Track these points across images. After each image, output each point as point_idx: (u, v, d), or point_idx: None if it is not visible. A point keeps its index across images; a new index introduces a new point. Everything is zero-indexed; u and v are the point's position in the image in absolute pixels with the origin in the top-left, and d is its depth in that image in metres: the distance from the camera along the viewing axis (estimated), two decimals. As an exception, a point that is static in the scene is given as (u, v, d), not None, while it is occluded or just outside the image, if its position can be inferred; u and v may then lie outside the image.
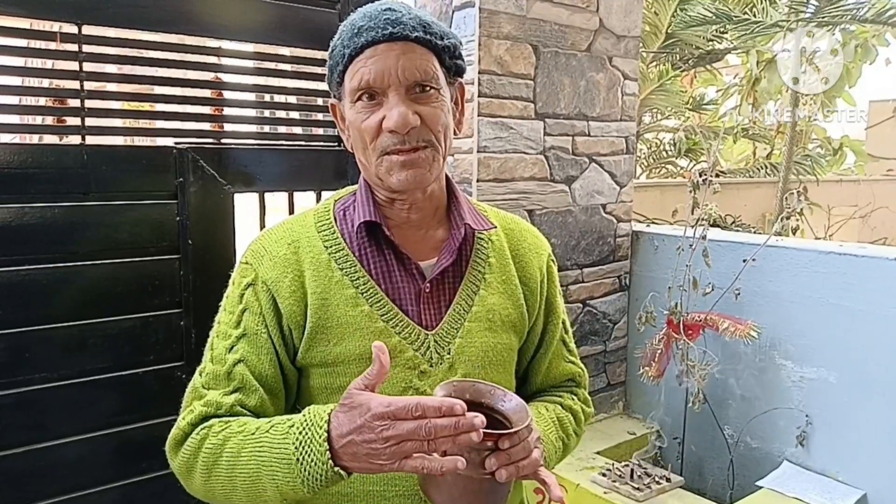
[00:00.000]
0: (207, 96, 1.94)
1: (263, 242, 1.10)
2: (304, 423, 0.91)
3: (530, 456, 0.90)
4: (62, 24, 1.70)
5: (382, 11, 1.00)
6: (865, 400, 2.17)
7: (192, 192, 1.87)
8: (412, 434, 0.82)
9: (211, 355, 1.06)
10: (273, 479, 0.91)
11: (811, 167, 7.15)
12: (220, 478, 0.96)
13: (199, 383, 1.04)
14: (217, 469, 0.96)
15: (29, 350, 1.69)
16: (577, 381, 1.28)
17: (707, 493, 2.48)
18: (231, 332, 1.05)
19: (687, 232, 2.45)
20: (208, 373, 1.04)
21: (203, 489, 1.00)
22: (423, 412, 0.82)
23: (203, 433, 0.99)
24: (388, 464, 0.84)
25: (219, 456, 0.96)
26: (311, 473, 0.88)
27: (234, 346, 1.03)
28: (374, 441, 0.83)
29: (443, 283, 1.09)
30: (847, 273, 2.20)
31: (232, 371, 1.02)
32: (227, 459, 0.95)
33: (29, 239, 1.68)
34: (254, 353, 1.03)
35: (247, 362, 1.02)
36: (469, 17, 2.20)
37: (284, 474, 0.90)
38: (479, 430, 0.81)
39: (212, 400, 1.01)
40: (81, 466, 1.77)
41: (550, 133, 2.44)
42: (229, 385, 1.02)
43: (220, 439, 0.97)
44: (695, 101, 8.11)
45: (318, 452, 0.88)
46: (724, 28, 5.96)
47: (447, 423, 0.81)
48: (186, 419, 1.01)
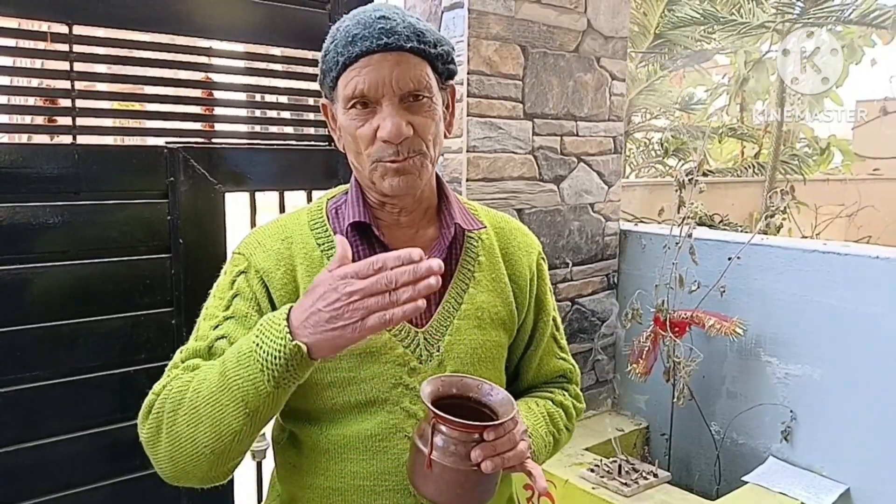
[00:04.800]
0: (198, 96, 1.95)
1: (257, 236, 1.11)
2: (264, 319, 0.92)
3: (516, 448, 0.92)
4: (52, 24, 1.71)
5: (377, 20, 1.00)
6: (849, 396, 2.21)
7: (183, 191, 1.88)
8: (374, 287, 0.83)
9: (195, 336, 1.06)
10: (235, 384, 0.89)
11: (798, 166, 7.22)
12: (185, 413, 0.93)
13: (178, 358, 1.03)
14: (181, 406, 0.94)
15: (20, 348, 1.69)
16: (568, 377, 1.30)
17: (694, 489, 2.51)
18: (218, 314, 1.05)
19: (673, 230, 2.47)
20: (188, 348, 1.03)
21: (168, 446, 0.95)
22: (383, 264, 0.83)
23: (166, 389, 0.97)
24: (351, 325, 0.84)
25: (184, 393, 0.94)
26: (269, 354, 0.87)
27: (219, 325, 1.03)
28: (336, 300, 0.84)
29: None
30: (831, 271, 2.23)
31: (213, 345, 1.02)
32: (193, 390, 0.94)
33: (20, 238, 1.68)
34: (239, 333, 1.01)
35: (230, 339, 1.01)
36: (458, 18, 2.22)
37: (244, 369, 0.89)
38: (439, 273, 0.82)
39: (189, 365, 1.00)
40: (73, 464, 1.78)
41: (539, 133, 2.46)
42: (210, 358, 1.01)
43: (186, 378, 0.96)
44: (684, 100, 8.16)
45: (276, 330, 0.88)
46: (711, 29, 6.00)
47: (406, 269, 0.82)
48: (159, 384, 1.00)
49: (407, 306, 0.83)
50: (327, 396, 1.05)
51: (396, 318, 0.83)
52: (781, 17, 5.68)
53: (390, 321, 0.83)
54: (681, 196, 2.43)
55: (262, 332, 0.90)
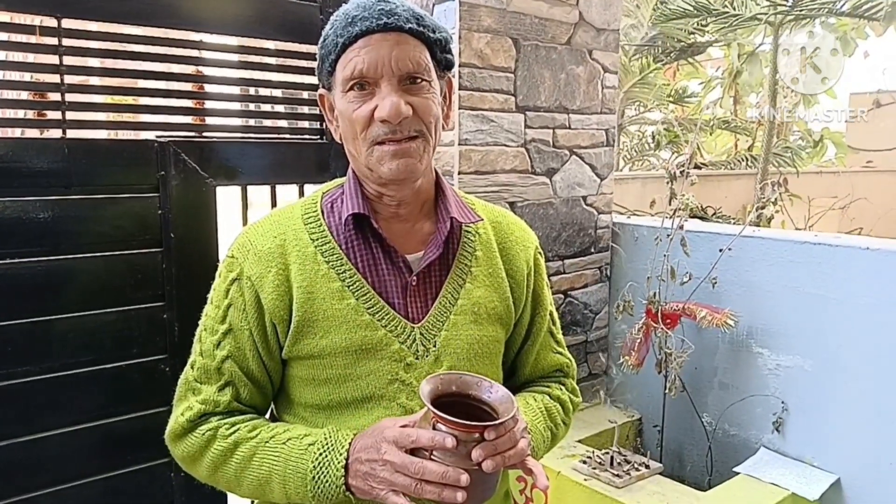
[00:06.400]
0: (189, 90, 1.95)
1: (249, 236, 1.10)
2: (326, 446, 0.99)
3: (517, 446, 0.92)
4: (42, 18, 1.70)
5: (377, 2, 1.01)
6: (839, 387, 2.22)
7: (174, 185, 1.88)
8: (404, 468, 0.89)
9: (200, 348, 1.09)
10: (283, 487, 1.00)
11: (791, 159, 7.23)
12: (227, 475, 1.04)
13: (192, 377, 1.08)
14: (225, 468, 1.04)
15: (12, 343, 1.69)
16: (565, 371, 1.30)
17: (686, 480, 2.52)
18: (218, 328, 1.07)
19: (665, 223, 2.48)
20: (199, 367, 1.07)
21: (206, 480, 1.09)
22: (417, 443, 0.90)
23: (208, 435, 1.04)
24: (378, 488, 0.92)
25: (227, 458, 1.03)
26: (323, 492, 0.97)
27: (220, 342, 1.07)
28: (375, 461, 0.92)
29: (429, 276, 1.10)
30: (822, 262, 2.24)
31: (221, 367, 1.06)
32: (237, 462, 1.02)
33: (10, 233, 1.68)
34: (239, 349, 1.07)
35: (234, 358, 1.06)
36: (450, 11, 2.22)
37: (296, 486, 0.99)
38: (462, 484, 0.87)
39: (209, 398, 1.06)
40: (66, 459, 1.78)
41: (531, 126, 2.46)
42: (220, 379, 1.06)
43: (229, 444, 1.03)
44: (677, 93, 8.16)
45: (335, 476, 0.96)
46: (704, 21, 6.00)
47: (434, 469, 0.88)
48: (185, 415, 1.05)
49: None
50: (324, 392, 1.06)
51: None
52: (774, 8, 5.68)
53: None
54: (672, 188, 2.44)
55: (321, 464, 0.98)
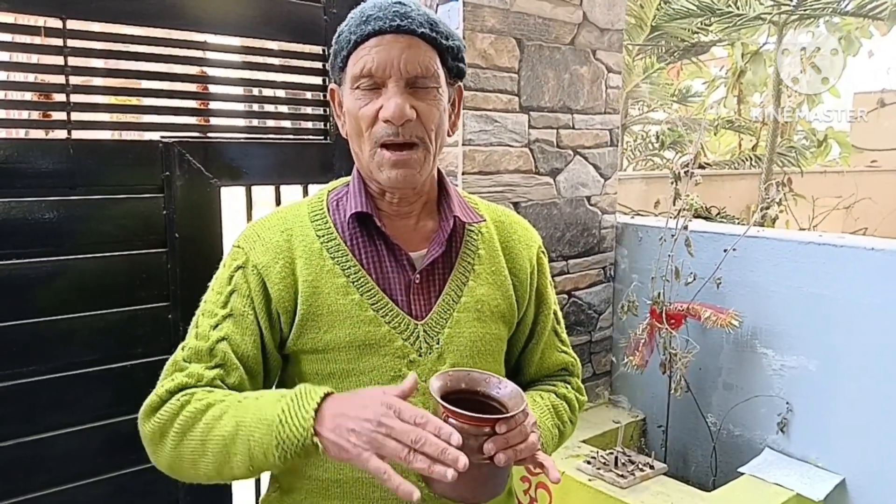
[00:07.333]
0: (193, 90, 1.95)
1: (257, 229, 1.12)
2: (299, 392, 0.93)
3: (527, 439, 0.92)
4: (46, 19, 1.70)
5: (393, 3, 1.02)
6: (844, 387, 2.22)
7: (179, 185, 1.88)
8: (402, 434, 0.84)
9: (195, 332, 1.07)
10: (247, 441, 0.93)
11: (795, 158, 7.22)
12: (193, 441, 0.97)
13: (180, 357, 1.05)
14: (192, 432, 0.97)
15: (17, 344, 1.70)
16: (570, 370, 1.30)
17: (690, 480, 2.52)
18: (217, 312, 1.06)
19: (669, 223, 2.48)
20: (190, 347, 1.05)
21: (170, 456, 1.00)
22: (425, 423, 0.84)
23: (184, 399, 1.00)
24: (363, 447, 0.86)
25: (197, 419, 0.97)
26: (288, 436, 0.90)
27: (218, 324, 1.05)
28: (366, 420, 0.86)
29: (433, 273, 1.11)
30: (827, 263, 2.23)
31: (214, 348, 1.04)
32: (206, 423, 0.97)
33: (15, 233, 1.68)
34: (238, 332, 1.04)
35: (230, 340, 1.04)
36: (453, 11, 2.22)
37: (261, 434, 0.91)
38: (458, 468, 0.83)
39: (193, 372, 1.02)
40: (71, 459, 1.79)
41: (535, 126, 2.46)
42: (211, 361, 1.03)
43: (202, 404, 0.98)
44: (681, 93, 8.15)
45: (302, 418, 0.90)
46: (708, 20, 6.00)
47: (438, 443, 0.83)
48: (165, 387, 1.02)
49: (404, 485, 0.84)
50: (328, 385, 1.06)
51: (392, 482, 0.84)
52: (778, 8, 5.67)
53: (387, 478, 0.84)
54: (676, 188, 2.44)
55: (290, 409, 0.91)
